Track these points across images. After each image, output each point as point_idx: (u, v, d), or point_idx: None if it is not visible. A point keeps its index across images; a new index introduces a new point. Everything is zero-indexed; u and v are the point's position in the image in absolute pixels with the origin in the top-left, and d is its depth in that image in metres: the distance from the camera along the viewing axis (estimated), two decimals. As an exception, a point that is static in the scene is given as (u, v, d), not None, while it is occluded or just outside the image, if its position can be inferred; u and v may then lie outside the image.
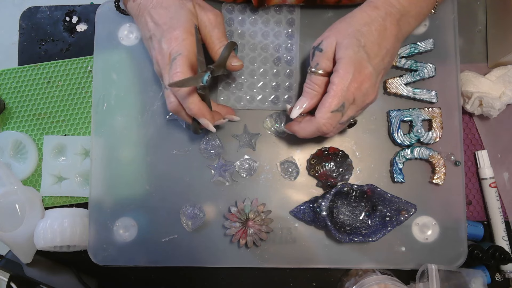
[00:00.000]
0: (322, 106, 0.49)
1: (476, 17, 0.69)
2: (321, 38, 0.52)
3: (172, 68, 0.51)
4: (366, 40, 0.49)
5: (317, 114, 0.50)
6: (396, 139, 0.62)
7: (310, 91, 0.52)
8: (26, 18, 0.74)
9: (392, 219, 0.59)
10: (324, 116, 0.49)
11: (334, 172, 0.60)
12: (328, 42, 0.50)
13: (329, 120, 0.49)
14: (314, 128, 0.51)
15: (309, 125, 0.51)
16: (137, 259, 0.63)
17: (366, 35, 0.49)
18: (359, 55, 0.48)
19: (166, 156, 0.64)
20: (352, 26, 0.50)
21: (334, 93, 0.48)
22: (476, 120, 0.68)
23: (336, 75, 0.49)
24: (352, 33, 0.49)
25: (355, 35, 0.49)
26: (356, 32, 0.49)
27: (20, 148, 0.70)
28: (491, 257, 0.60)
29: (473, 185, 0.67)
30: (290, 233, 0.62)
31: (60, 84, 0.70)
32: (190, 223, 0.61)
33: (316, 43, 0.52)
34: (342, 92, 0.48)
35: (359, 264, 0.62)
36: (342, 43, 0.49)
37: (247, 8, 0.65)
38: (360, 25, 0.50)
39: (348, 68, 0.48)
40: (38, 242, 0.63)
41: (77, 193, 0.68)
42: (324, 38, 0.51)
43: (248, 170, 0.63)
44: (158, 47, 0.53)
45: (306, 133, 0.52)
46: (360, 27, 0.50)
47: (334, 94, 0.48)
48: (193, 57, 0.52)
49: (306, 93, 0.52)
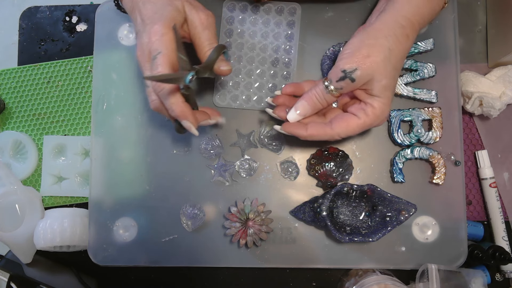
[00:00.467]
0: (346, 129, 0.50)
1: (476, 17, 0.69)
2: (355, 63, 0.47)
3: (153, 67, 0.49)
4: (397, 75, 0.50)
5: (337, 130, 0.50)
6: (396, 139, 0.62)
7: (317, 103, 0.51)
8: (26, 18, 0.74)
9: (392, 219, 0.59)
10: (342, 135, 0.50)
11: (334, 172, 0.60)
12: (364, 75, 0.47)
13: (343, 137, 0.51)
14: (326, 137, 0.51)
15: (322, 133, 0.50)
16: (137, 259, 0.63)
17: (398, 70, 0.50)
18: (392, 93, 0.50)
19: (166, 156, 0.64)
20: (390, 63, 0.48)
21: (364, 125, 0.49)
22: (476, 120, 0.68)
23: (372, 112, 0.49)
24: (390, 72, 0.48)
25: (394, 75, 0.49)
26: (394, 71, 0.49)
27: (20, 148, 0.70)
28: (491, 257, 0.60)
29: (473, 185, 0.67)
30: (290, 233, 0.62)
31: (60, 84, 0.70)
32: (190, 223, 0.61)
33: (349, 68, 0.47)
34: (368, 126, 0.50)
35: (359, 264, 0.62)
36: (381, 82, 0.48)
37: (248, 7, 0.65)
38: (397, 62, 0.49)
39: (385, 109, 0.49)
40: (38, 242, 0.63)
41: (77, 193, 0.68)
42: (359, 67, 0.47)
43: (248, 170, 0.63)
44: (139, 42, 0.52)
45: (315, 139, 0.51)
46: (397, 64, 0.49)
47: (363, 126, 0.50)
48: (174, 56, 0.50)
49: (312, 102, 0.51)
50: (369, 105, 0.49)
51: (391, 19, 0.49)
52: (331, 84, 0.49)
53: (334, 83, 0.49)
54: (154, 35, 0.49)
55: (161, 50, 0.49)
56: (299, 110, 0.51)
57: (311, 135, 0.51)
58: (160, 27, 0.50)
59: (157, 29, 0.50)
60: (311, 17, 0.65)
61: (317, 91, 0.50)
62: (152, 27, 0.50)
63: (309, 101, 0.51)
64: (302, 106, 0.51)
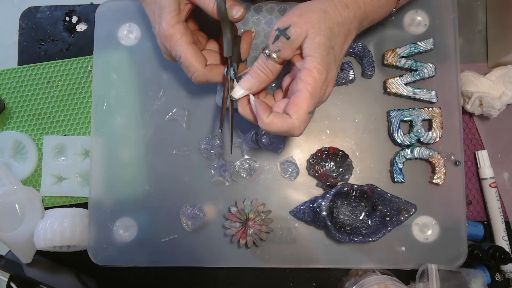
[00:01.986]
0: (298, 107, 0.45)
1: (476, 17, 0.69)
2: (288, 21, 0.46)
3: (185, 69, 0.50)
4: (335, 42, 0.47)
5: (294, 115, 0.45)
6: (396, 139, 0.62)
7: (262, 75, 0.48)
8: (26, 18, 0.74)
9: (392, 219, 0.59)
10: (301, 118, 0.45)
11: (334, 172, 0.60)
12: (298, 31, 0.45)
13: (304, 123, 0.46)
14: (286, 127, 0.46)
15: (282, 123, 0.46)
16: (137, 259, 0.63)
17: (336, 36, 0.47)
18: (329, 57, 0.47)
19: (166, 156, 0.64)
20: (325, 22, 0.46)
21: (310, 93, 0.45)
22: (476, 120, 0.68)
23: (308, 74, 0.45)
24: (325, 31, 0.46)
25: (328, 34, 0.46)
26: (329, 31, 0.46)
27: (20, 148, 0.70)
28: (491, 257, 0.60)
29: (473, 185, 0.67)
30: (290, 233, 0.62)
31: (60, 84, 0.70)
32: (190, 223, 0.61)
33: (282, 26, 0.46)
34: (316, 93, 0.46)
35: (359, 264, 0.62)
36: (314, 40, 0.46)
37: (250, 7, 0.65)
38: (333, 24, 0.47)
39: (321, 69, 0.45)
40: (38, 242, 0.63)
41: (77, 193, 0.68)
42: (293, 24, 0.46)
43: (248, 170, 0.63)
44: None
45: (275, 129, 0.46)
46: (333, 26, 0.47)
47: (310, 94, 0.45)
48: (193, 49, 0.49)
49: (256, 75, 0.48)
50: (304, 69, 0.46)
51: None
52: (269, 48, 0.47)
53: (271, 46, 0.47)
54: (166, 39, 0.49)
55: (180, 54, 0.49)
56: (243, 83, 0.48)
57: (274, 123, 0.46)
58: (171, 28, 0.49)
59: (167, 30, 0.49)
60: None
61: (258, 62, 0.48)
62: (161, 25, 0.49)
63: (252, 74, 0.48)
64: (245, 80, 0.49)
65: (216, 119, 0.64)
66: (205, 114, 0.64)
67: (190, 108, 0.64)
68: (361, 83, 0.64)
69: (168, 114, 0.64)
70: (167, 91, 0.65)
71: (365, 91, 0.63)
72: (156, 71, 0.65)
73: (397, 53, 0.62)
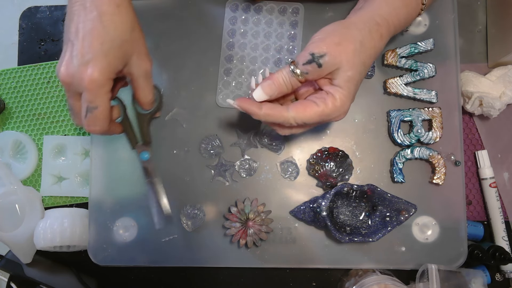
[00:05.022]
0: (302, 112, 0.47)
1: (476, 17, 0.69)
2: (324, 48, 0.46)
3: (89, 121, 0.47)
4: (364, 73, 0.49)
5: (292, 113, 0.47)
6: (396, 139, 0.62)
7: (283, 86, 0.48)
8: (26, 18, 0.74)
9: (392, 219, 0.59)
10: (298, 120, 0.47)
11: (334, 172, 0.60)
12: (332, 62, 0.46)
13: (298, 123, 0.48)
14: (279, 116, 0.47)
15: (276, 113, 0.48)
16: (137, 259, 0.63)
17: (366, 67, 0.49)
18: (356, 88, 0.49)
19: (166, 156, 0.64)
20: (359, 56, 0.47)
21: (321, 114, 0.47)
22: (476, 120, 0.68)
23: (332, 101, 0.47)
24: (358, 66, 0.47)
25: (360, 69, 0.47)
26: (361, 65, 0.48)
27: (20, 148, 0.70)
28: (491, 257, 0.60)
29: (473, 185, 0.67)
30: (290, 233, 0.62)
31: (60, 84, 0.70)
32: (190, 223, 0.61)
33: (318, 52, 0.46)
34: (327, 117, 0.48)
35: (359, 264, 0.62)
36: (347, 73, 0.47)
37: (251, 7, 0.65)
38: (366, 57, 0.48)
39: (346, 101, 0.47)
40: (38, 242, 0.63)
41: (77, 193, 0.68)
42: (329, 53, 0.46)
43: (248, 170, 0.63)
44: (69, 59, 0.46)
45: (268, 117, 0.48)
46: (366, 60, 0.48)
47: (320, 115, 0.47)
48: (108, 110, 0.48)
49: (278, 82, 0.48)
50: (330, 95, 0.47)
51: (368, 15, 0.49)
52: (298, 67, 0.47)
53: (300, 66, 0.47)
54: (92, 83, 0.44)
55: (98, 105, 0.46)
56: (265, 88, 0.48)
57: (266, 114, 0.48)
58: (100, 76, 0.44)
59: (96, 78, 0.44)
60: (312, 17, 0.65)
61: (283, 72, 0.48)
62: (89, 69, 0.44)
63: (275, 81, 0.48)
64: (268, 86, 0.48)
65: (216, 119, 0.64)
66: (205, 114, 0.64)
67: (190, 108, 0.64)
68: (361, 83, 0.64)
69: (168, 114, 0.64)
70: (167, 91, 0.65)
71: (365, 91, 0.63)
72: (156, 71, 0.65)
73: (397, 53, 0.62)
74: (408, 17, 0.52)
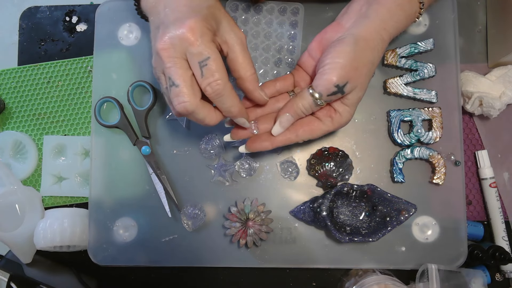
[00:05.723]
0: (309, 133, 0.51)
1: (476, 17, 0.69)
2: (346, 77, 0.46)
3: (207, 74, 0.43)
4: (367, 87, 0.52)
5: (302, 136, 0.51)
6: (396, 139, 0.62)
7: (302, 114, 0.50)
8: (26, 18, 0.74)
9: (392, 219, 0.59)
10: (305, 139, 0.52)
11: (334, 172, 0.60)
12: (352, 87, 0.48)
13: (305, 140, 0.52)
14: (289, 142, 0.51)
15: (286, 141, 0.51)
16: (137, 259, 0.63)
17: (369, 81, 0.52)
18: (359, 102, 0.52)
19: (166, 156, 0.64)
20: (369, 76, 0.49)
21: (327, 130, 0.51)
22: (476, 120, 0.68)
23: (338, 120, 0.50)
24: (366, 86, 0.50)
25: (366, 87, 0.50)
26: (368, 83, 0.50)
27: (20, 148, 0.70)
28: (491, 257, 0.60)
29: (473, 185, 0.67)
30: (290, 233, 0.62)
31: (60, 84, 0.70)
32: (191, 223, 0.61)
33: (342, 82, 0.46)
34: (329, 132, 0.51)
35: (359, 264, 0.62)
36: (358, 94, 0.49)
37: (251, 7, 0.65)
38: (372, 74, 0.51)
39: (349, 118, 0.51)
40: (38, 242, 0.63)
41: (77, 193, 0.68)
42: (350, 80, 0.47)
43: (248, 170, 0.63)
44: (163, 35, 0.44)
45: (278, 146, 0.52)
46: (371, 76, 0.51)
47: (326, 131, 0.51)
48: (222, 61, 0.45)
49: (297, 115, 0.50)
50: (338, 113, 0.50)
51: (375, 29, 0.48)
52: (322, 98, 0.48)
53: (324, 97, 0.47)
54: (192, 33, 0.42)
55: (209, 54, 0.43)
56: (284, 124, 0.50)
57: (276, 146, 0.51)
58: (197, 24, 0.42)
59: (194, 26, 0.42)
60: (312, 17, 0.65)
61: (304, 104, 0.49)
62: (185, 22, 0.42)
63: (294, 115, 0.50)
64: (287, 120, 0.50)
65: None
66: (205, 114, 0.64)
67: (190, 108, 0.64)
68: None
69: (168, 114, 0.64)
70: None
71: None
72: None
73: (397, 53, 0.62)
74: (404, 28, 0.53)
